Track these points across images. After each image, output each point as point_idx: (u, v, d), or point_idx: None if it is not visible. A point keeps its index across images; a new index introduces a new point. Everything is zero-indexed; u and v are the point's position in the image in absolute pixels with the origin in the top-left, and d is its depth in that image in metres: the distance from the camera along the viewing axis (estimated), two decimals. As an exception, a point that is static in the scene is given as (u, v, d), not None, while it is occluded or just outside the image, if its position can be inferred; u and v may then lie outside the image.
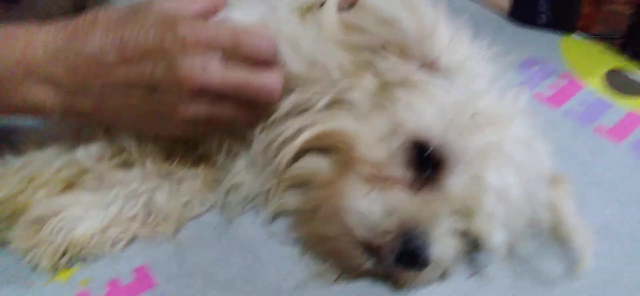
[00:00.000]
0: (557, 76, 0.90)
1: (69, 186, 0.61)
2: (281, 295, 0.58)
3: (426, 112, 0.57)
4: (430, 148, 0.56)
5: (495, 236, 0.56)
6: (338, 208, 0.56)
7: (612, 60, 0.94)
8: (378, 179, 0.56)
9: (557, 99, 0.86)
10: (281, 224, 0.64)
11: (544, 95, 0.86)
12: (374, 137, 0.58)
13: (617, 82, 0.90)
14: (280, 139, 0.60)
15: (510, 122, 0.59)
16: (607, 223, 0.68)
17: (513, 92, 0.61)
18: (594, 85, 0.89)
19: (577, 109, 0.84)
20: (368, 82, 0.59)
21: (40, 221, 0.59)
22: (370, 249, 0.55)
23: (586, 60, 0.94)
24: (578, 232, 0.61)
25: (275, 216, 0.64)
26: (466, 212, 0.56)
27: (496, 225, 0.56)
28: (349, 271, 0.59)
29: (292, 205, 0.63)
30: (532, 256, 0.62)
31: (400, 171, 0.56)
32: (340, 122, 0.59)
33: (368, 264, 0.56)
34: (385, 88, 0.59)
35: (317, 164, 0.61)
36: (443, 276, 0.59)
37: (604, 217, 0.68)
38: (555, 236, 0.63)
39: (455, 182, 0.55)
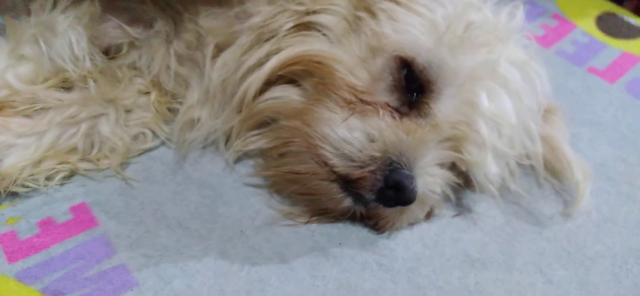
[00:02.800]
0: (548, 16, 0.85)
1: (-2, 108, 0.53)
2: (243, 237, 0.50)
3: (413, 26, 0.50)
4: (418, 68, 0.49)
5: (489, 166, 0.49)
6: (312, 139, 0.49)
7: (603, 3, 0.90)
8: (358, 105, 0.49)
9: (548, 39, 0.81)
10: (246, 166, 0.56)
11: (534, 34, 0.80)
12: (353, 60, 0.51)
13: (609, 25, 0.86)
14: (243, 69, 0.52)
15: (506, 41, 0.52)
16: (603, 162, 0.63)
17: (508, 9, 0.54)
18: (585, 27, 0.84)
19: (568, 49, 0.79)
20: (339, 3, 0.52)
21: (-39, 149, 0.50)
22: (349, 184, 0.48)
23: (577, 2, 0.89)
24: (576, 167, 0.56)
25: (239, 159, 0.56)
26: (456, 140, 0.49)
27: (489, 155, 0.49)
28: (324, 213, 0.52)
29: (258, 145, 0.55)
30: (526, 195, 0.56)
31: (384, 95, 0.50)
32: (313, 46, 0.52)
33: (346, 202, 0.49)
34: (361, 7, 0.52)
35: (287, 94, 0.53)
36: (429, 216, 0.53)
37: (599, 156, 0.63)
38: (550, 172, 0.57)
39: (444, 106, 0.49)
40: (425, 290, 0.48)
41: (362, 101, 0.49)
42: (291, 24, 0.52)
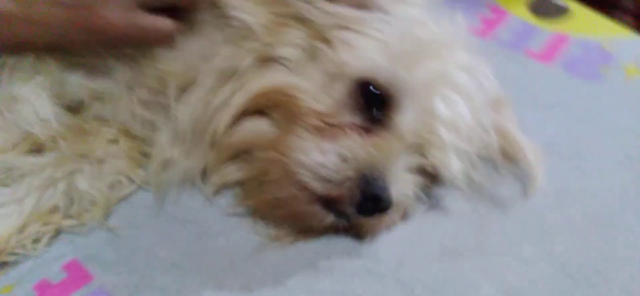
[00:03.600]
0: (484, 6, 0.90)
1: (-27, 183, 0.53)
2: (235, 266, 0.53)
3: (368, 50, 0.53)
4: (376, 86, 0.53)
5: (452, 165, 0.54)
6: (289, 166, 0.51)
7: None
8: (326, 129, 0.52)
9: (485, 29, 0.86)
10: (226, 197, 0.58)
11: (472, 27, 0.86)
12: (315, 87, 0.54)
13: (540, 8, 0.92)
14: (210, 109, 0.55)
15: (453, 49, 0.57)
16: (551, 141, 0.68)
17: (450, 19, 0.59)
18: (518, 13, 0.90)
19: (505, 36, 0.85)
20: (295, 34, 0.55)
21: (-55, 228, 0.50)
22: (329, 203, 0.51)
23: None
24: (527, 149, 0.61)
25: (218, 192, 0.58)
26: (420, 146, 0.54)
27: (451, 154, 0.54)
28: (308, 231, 0.55)
29: (235, 176, 0.57)
30: (487, 183, 0.61)
31: (348, 116, 0.53)
32: (275, 78, 0.54)
33: (328, 219, 0.52)
34: (316, 37, 0.55)
35: (257, 128, 0.55)
36: (404, 216, 0.57)
37: (547, 136, 0.68)
38: (506, 158, 0.62)
39: (405, 117, 0.53)
40: (411, 287, 0.52)
41: (329, 124, 0.52)
42: (250, 60, 0.54)
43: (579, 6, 0.92)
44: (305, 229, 0.54)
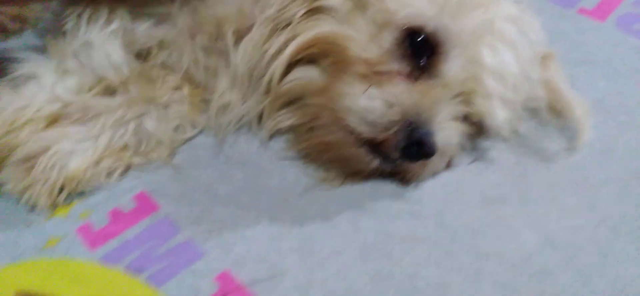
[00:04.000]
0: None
1: (54, 120, 0.59)
2: (287, 204, 0.57)
3: (419, 3, 0.55)
4: (424, 35, 0.54)
5: (497, 114, 0.56)
6: (337, 112, 0.55)
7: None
8: (374, 76, 0.55)
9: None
10: (279, 142, 0.62)
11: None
12: (364, 35, 0.56)
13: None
14: (266, 57, 0.58)
15: (500, 1, 0.58)
16: (600, 97, 0.68)
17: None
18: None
19: (558, -8, 0.84)
20: None
21: (30, 159, 0.56)
22: (375, 147, 0.54)
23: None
24: (576, 105, 0.62)
25: (273, 136, 0.62)
26: (466, 95, 0.55)
27: (497, 103, 0.55)
28: (355, 175, 0.58)
29: (288, 122, 0.61)
30: (533, 136, 0.62)
31: (395, 64, 0.55)
32: (325, 28, 0.57)
33: (374, 163, 0.55)
34: None
35: (308, 75, 0.59)
36: (448, 164, 0.59)
37: (596, 92, 0.69)
38: (553, 112, 0.63)
39: (452, 66, 0.55)
40: (452, 229, 0.55)
41: (376, 72, 0.55)
42: (303, 11, 0.57)
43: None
44: (352, 173, 0.57)
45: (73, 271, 0.50)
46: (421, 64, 0.55)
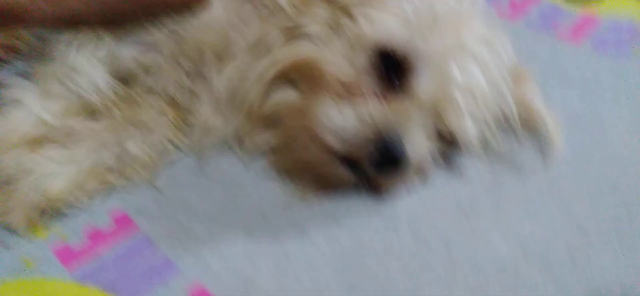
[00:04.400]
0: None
1: (38, 144, 0.60)
2: (265, 220, 0.58)
3: (388, 22, 0.58)
4: (396, 55, 0.57)
5: (468, 130, 0.57)
6: (314, 131, 0.56)
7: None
8: (349, 96, 0.57)
9: (513, 12, 0.88)
10: (259, 161, 0.63)
11: (500, 10, 0.88)
12: (339, 57, 0.58)
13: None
14: (248, 82, 0.60)
15: (471, 21, 0.60)
16: (575, 115, 0.70)
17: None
18: (548, -3, 0.92)
19: (533, 19, 0.87)
20: (320, 12, 0.60)
21: (12, 182, 0.57)
22: (351, 163, 0.56)
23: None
24: (548, 119, 0.63)
25: (253, 156, 0.64)
26: (437, 111, 0.57)
27: (467, 120, 0.57)
28: (333, 190, 0.59)
29: (267, 142, 0.63)
30: (508, 151, 0.63)
31: (369, 84, 0.57)
32: (303, 51, 0.59)
33: (351, 177, 0.57)
34: (340, 13, 0.60)
35: (287, 96, 0.61)
36: (424, 179, 0.60)
37: (571, 110, 0.70)
38: (526, 127, 0.64)
39: (423, 84, 0.57)
40: (428, 241, 0.55)
41: (351, 92, 0.57)
42: (280, 36, 0.60)
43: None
44: (330, 188, 0.59)
45: (50, 292, 0.51)
46: (393, 82, 0.57)
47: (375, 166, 0.55)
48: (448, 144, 0.60)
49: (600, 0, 0.90)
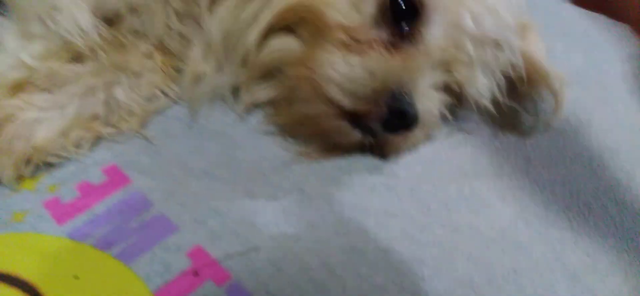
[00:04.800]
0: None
1: (19, 88, 0.56)
2: (263, 177, 0.56)
3: None
4: (406, 3, 0.53)
5: (479, 81, 0.55)
6: (317, 82, 0.53)
7: None
8: (354, 44, 0.53)
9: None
10: (255, 114, 0.61)
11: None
12: (341, 2, 0.54)
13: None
14: (241, 25, 0.56)
15: None
16: (577, 70, 0.69)
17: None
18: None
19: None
20: None
21: (-6, 129, 0.54)
22: (357, 118, 0.53)
23: None
24: (553, 77, 0.61)
25: (249, 110, 0.61)
26: (447, 63, 0.54)
27: (478, 71, 0.55)
28: (335, 148, 0.57)
29: (266, 95, 0.59)
30: (509, 109, 0.62)
31: (377, 31, 0.53)
32: None
33: (355, 136, 0.54)
34: None
35: (286, 44, 0.57)
36: (428, 136, 0.59)
37: (573, 65, 0.69)
38: (530, 83, 0.63)
39: (432, 33, 0.53)
40: (427, 203, 0.55)
41: (357, 40, 0.53)
42: None
43: None
44: (332, 146, 0.56)
45: (41, 246, 0.49)
46: (402, 30, 0.53)
47: (384, 122, 0.52)
48: (454, 99, 0.57)
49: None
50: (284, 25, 0.56)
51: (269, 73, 0.58)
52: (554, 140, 0.61)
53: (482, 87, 0.55)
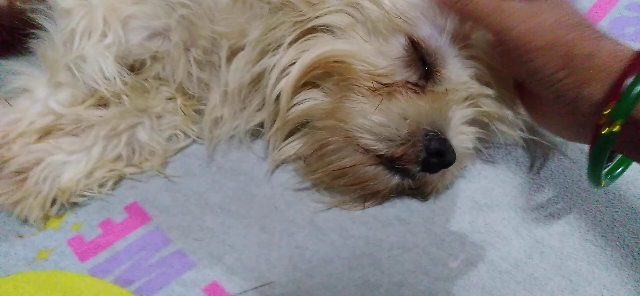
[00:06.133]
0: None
1: (47, 133, 0.59)
2: (277, 212, 0.57)
3: (417, 8, 0.53)
4: (426, 46, 0.53)
5: (506, 113, 0.55)
6: (349, 132, 0.53)
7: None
8: (382, 90, 0.53)
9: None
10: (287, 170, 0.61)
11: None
12: (365, 49, 0.54)
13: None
14: (269, 82, 0.57)
15: None
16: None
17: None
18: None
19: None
20: (336, 1, 0.55)
21: (23, 172, 0.57)
22: (394, 162, 0.52)
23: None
24: None
25: (279, 166, 0.61)
26: (473, 97, 0.54)
27: (502, 102, 0.55)
28: (373, 196, 0.56)
29: (296, 151, 0.59)
30: (522, 141, 0.62)
31: (403, 72, 0.53)
32: (326, 47, 0.55)
33: (395, 179, 0.54)
34: (358, 5, 0.55)
35: (313, 99, 0.57)
36: (462, 171, 0.58)
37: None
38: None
39: (453, 69, 0.53)
40: (441, 237, 0.55)
41: (384, 84, 0.53)
42: (295, 35, 0.56)
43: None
44: (370, 194, 0.56)
45: (63, 283, 0.51)
46: (425, 70, 0.53)
47: (422, 163, 0.51)
48: (486, 131, 0.57)
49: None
50: (309, 81, 0.57)
51: (297, 128, 0.59)
52: (568, 171, 0.61)
53: (510, 118, 0.55)
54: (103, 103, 0.62)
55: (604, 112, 0.41)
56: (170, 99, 0.65)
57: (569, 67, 0.43)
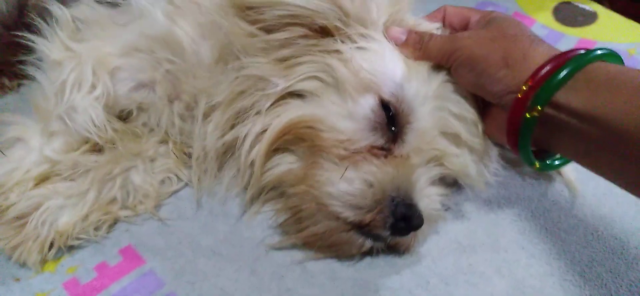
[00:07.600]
0: (510, 14, 0.93)
1: (44, 179, 0.61)
2: (269, 254, 0.59)
3: (387, 69, 0.56)
4: (395, 104, 0.55)
5: (471, 169, 0.58)
6: (320, 199, 0.55)
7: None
8: (350, 156, 0.55)
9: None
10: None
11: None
12: (333, 114, 0.56)
13: (565, 14, 0.94)
14: (243, 149, 0.59)
15: None
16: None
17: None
18: (543, 20, 0.93)
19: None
20: (306, 68, 0.57)
21: (22, 218, 0.58)
22: (364, 228, 0.54)
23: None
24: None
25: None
26: (438, 157, 0.57)
27: (468, 157, 0.58)
28: (351, 256, 0.58)
29: (271, 209, 0.61)
30: (504, 182, 0.65)
31: (370, 136, 0.55)
32: (293, 113, 0.57)
33: (367, 243, 0.55)
34: (328, 67, 0.57)
35: (286, 162, 0.59)
36: (434, 228, 0.61)
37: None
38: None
39: (419, 131, 0.55)
40: (426, 278, 0.57)
41: (351, 151, 0.55)
42: (269, 104, 0.57)
43: (606, 11, 0.94)
44: (346, 255, 0.58)
45: (59, 326, 0.52)
46: (391, 132, 0.55)
47: (391, 227, 0.53)
48: (450, 187, 0.60)
49: (596, 24, 0.91)
50: (280, 146, 0.58)
51: (272, 189, 0.61)
52: (549, 212, 0.63)
53: (474, 172, 0.58)
54: (98, 148, 0.64)
55: (523, 88, 0.50)
56: (162, 142, 0.66)
57: (508, 66, 0.52)
